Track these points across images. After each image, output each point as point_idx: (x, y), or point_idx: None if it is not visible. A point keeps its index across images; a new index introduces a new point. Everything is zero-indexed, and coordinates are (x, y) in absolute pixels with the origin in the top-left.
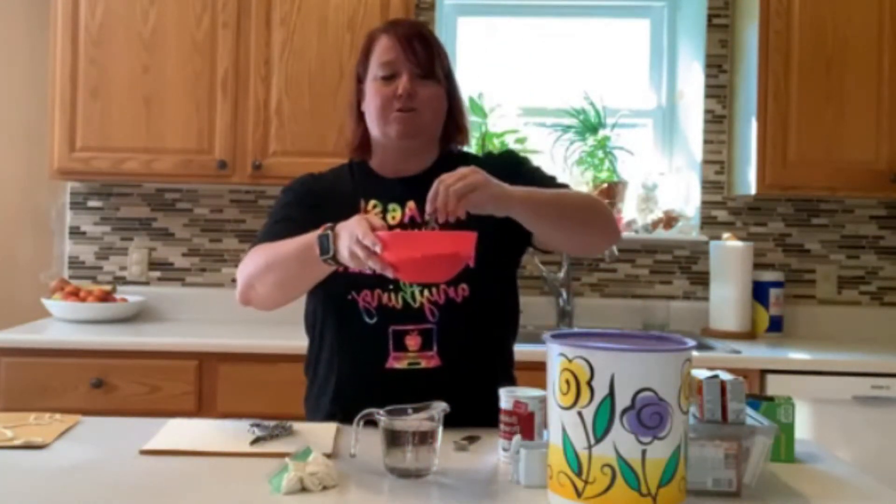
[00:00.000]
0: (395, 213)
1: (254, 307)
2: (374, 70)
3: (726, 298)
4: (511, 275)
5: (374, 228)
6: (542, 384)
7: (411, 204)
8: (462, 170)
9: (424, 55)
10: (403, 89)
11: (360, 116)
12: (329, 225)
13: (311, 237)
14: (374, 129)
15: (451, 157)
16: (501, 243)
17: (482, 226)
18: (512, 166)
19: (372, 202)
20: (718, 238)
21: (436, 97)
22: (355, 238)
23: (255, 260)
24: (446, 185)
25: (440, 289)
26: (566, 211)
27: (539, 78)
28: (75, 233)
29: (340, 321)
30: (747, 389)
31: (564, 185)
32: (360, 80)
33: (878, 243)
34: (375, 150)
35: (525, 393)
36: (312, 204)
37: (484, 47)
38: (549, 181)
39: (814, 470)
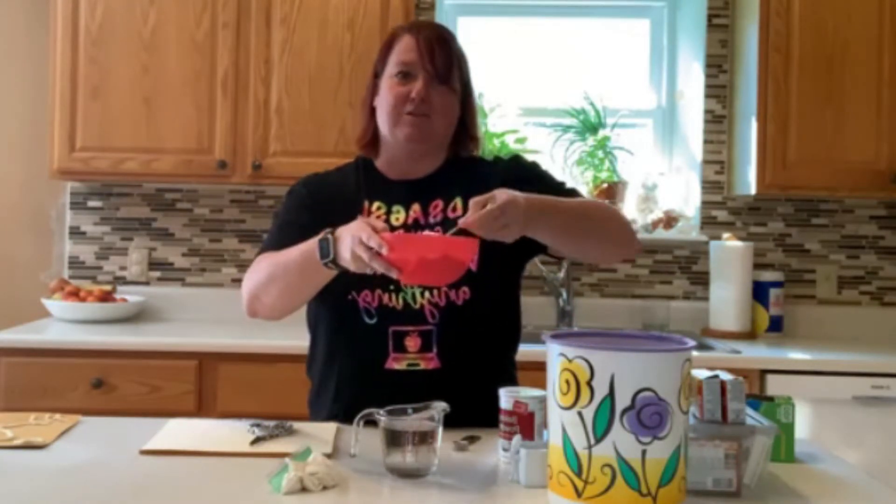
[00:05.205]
0: (399, 216)
1: (261, 318)
2: (392, 67)
3: (726, 298)
4: (514, 280)
5: (375, 231)
6: (542, 384)
7: (416, 206)
8: (503, 201)
9: (443, 61)
10: (417, 94)
11: (372, 112)
12: (328, 230)
13: (311, 243)
14: (383, 127)
15: (459, 162)
16: (508, 248)
17: None
18: (521, 173)
19: (376, 204)
20: (718, 238)
21: (449, 104)
22: (358, 240)
23: (258, 272)
24: (492, 216)
25: (441, 290)
26: (586, 229)
27: (539, 78)
28: (75, 233)
29: (340, 321)
30: (747, 389)
31: (574, 191)
32: (376, 76)
33: (878, 243)
34: (383, 149)
35: (525, 393)
36: (315, 206)
37: (484, 47)
38: (559, 187)
39: (814, 470)
